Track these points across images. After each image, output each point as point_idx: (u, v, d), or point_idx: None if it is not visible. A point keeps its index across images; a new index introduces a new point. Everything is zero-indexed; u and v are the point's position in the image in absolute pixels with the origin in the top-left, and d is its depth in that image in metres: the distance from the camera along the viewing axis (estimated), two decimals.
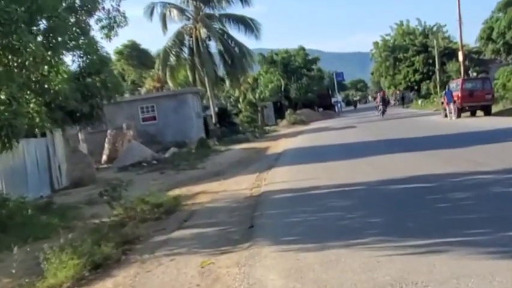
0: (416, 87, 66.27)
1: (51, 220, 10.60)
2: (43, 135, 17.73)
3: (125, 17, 21.20)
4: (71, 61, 19.12)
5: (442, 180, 9.89)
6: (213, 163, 20.93)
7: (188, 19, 41.39)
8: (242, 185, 13.10)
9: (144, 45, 57.94)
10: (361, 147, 19.33)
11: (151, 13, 40.65)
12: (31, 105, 12.19)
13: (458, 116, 29.15)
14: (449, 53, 60.65)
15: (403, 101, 70.84)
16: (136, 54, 55.17)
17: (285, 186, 11.70)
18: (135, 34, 54.19)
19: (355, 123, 37.28)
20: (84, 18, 20.22)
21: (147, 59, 53.22)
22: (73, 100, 18.17)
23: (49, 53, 12.05)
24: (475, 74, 47.17)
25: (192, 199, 11.87)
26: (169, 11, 40.17)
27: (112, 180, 19.44)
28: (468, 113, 30.12)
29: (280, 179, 13.22)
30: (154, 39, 49.75)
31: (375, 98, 62.40)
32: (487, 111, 28.25)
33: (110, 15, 20.94)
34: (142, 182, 17.52)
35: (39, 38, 14.59)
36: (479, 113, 29.86)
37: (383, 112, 41.00)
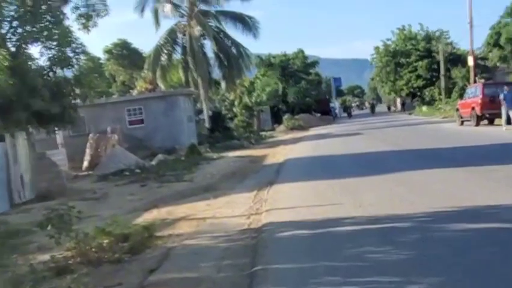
0: (419, 94, 64.09)
1: None
2: (1, 139, 14.95)
3: (105, 5, 18.63)
4: (38, 53, 16.58)
5: None
6: (203, 174, 18.09)
7: (182, 16, 38.73)
8: (236, 209, 10.16)
9: (136, 46, 55.16)
10: (379, 159, 16.58)
11: (143, 9, 38.01)
12: None
13: (477, 124, 26.48)
14: (453, 59, 59.04)
15: (403, 107, 68.91)
16: (126, 54, 52.35)
17: (294, 215, 8.81)
18: (128, 36, 51.96)
19: (359, 129, 34.47)
20: (58, 5, 17.70)
21: (139, 59, 50.31)
22: (38, 98, 15.47)
23: None
24: (482, 80, 44.75)
25: (169, 228, 8.97)
26: (162, 6, 37.42)
27: (86, 192, 16.81)
28: (485, 121, 27.45)
29: (286, 201, 10.31)
30: (146, 39, 47.00)
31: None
32: (509, 120, 25.35)
33: (88, 3, 18.50)
34: (118, 197, 14.88)
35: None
36: (497, 121, 27.12)
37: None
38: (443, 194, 9.35)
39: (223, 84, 42.02)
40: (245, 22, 38.55)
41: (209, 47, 38.76)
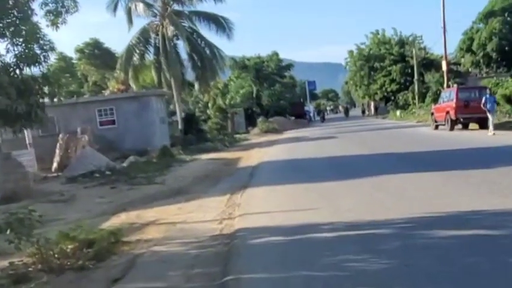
0: (392, 98, 64.32)
1: None
2: None
3: (75, 2, 18.04)
4: (4, 50, 15.92)
5: (507, 222, 6.89)
6: (174, 177, 17.61)
7: (155, 15, 38.05)
8: (208, 213, 9.71)
9: (109, 46, 54.24)
10: (355, 163, 16.28)
11: (115, 8, 37.26)
12: None
13: (451, 128, 26.43)
14: (426, 64, 59.49)
15: (376, 111, 69.23)
16: (98, 54, 51.44)
17: (269, 220, 8.41)
18: (100, 36, 51.20)
19: (334, 133, 34.21)
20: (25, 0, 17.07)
21: (111, 60, 49.45)
22: (4, 96, 14.84)
23: None
24: (455, 85, 45.10)
25: (137, 233, 8.50)
26: (135, 5, 36.69)
27: (53, 194, 16.20)
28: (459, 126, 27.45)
29: (260, 206, 9.88)
30: (118, 39, 46.17)
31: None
32: (482, 125, 25.29)
33: None
34: (86, 199, 14.34)
35: None
36: (472, 125, 27.17)
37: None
38: (423, 199, 9.03)
39: (196, 86, 41.41)
40: (219, 23, 38.03)
41: (182, 47, 38.10)
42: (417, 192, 9.78)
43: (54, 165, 25.21)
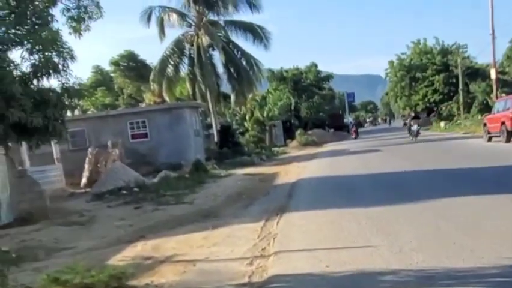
0: (435, 109, 62.02)
1: None
2: None
3: (99, 7, 16.83)
4: (20, 58, 14.68)
5: None
6: (205, 195, 16.09)
7: (190, 26, 36.92)
8: (237, 248, 7.96)
9: (144, 58, 53.44)
10: (405, 181, 14.44)
11: (149, 18, 36.19)
12: None
13: (508, 140, 24.24)
14: (471, 73, 57.34)
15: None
16: (133, 66, 50.61)
17: (312, 263, 6.51)
18: (136, 49, 50.58)
19: (375, 145, 32.27)
20: (45, 5, 15.88)
21: (146, 72, 48.68)
22: (18, 108, 13.57)
23: None
24: (503, 94, 42.74)
25: (149, 274, 6.88)
26: (168, 16, 35.56)
27: (73, 215, 14.86)
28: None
29: (300, 240, 8.07)
30: (154, 51, 45.13)
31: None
32: None
33: (80, 4, 16.74)
34: (105, 222, 12.99)
35: None
36: None
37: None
38: (506, 234, 7.05)
39: (232, 98, 39.94)
40: (256, 33, 36.63)
41: (218, 58, 36.95)
42: (495, 224, 7.72)
43: (83, 180, 24.17)
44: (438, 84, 60.34)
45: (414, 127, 34.97)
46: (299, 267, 6.32)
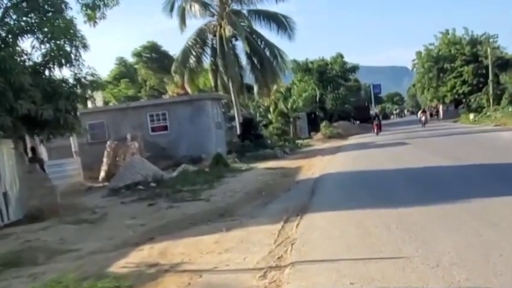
0: (464, 100, 60.43)
1: None
2: None
3: None
4: (30, 47, 14.07)
5: None
6: (223, 191, 15.31)
7: (212, 15, 36.18)
8: (250, 255, 7.08)
9: (166, 49, 52.86)
10: (437, 177, 13.38)
11: (171, 8, 35.59)
12: None
13: None
14: (501, 64, 55.62)
15: (437, 115, 66.44)
16: (156, 57, 50.05)
17: (335, 278, 5.52)
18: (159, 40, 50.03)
19: (402, 138, 31.13)
20: None
21: (169, 63, 48.16)
22: (27, 100, 12.95)
23: None
24: None
25: (149, 285, 6.14)
26: (190, 6, 34.84)
27: (84, 212, 14.21)
28: None
29: (321, 246, 7.14)
30: (176, 43, 44.40)
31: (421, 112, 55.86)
32: None
33: None
34: (117, 220, 12.37)
35: None
36: None
37: None
38: None
39: (256, 89, 39.04)
40: (280, 22, 35.73)
41: (241, 48, 36.08)
42: None
43: (102, 174, 23.78)
44: (467, 75, 58.72)
45: (422, 118, 50.21)
46: (318, 283, 5.36)
